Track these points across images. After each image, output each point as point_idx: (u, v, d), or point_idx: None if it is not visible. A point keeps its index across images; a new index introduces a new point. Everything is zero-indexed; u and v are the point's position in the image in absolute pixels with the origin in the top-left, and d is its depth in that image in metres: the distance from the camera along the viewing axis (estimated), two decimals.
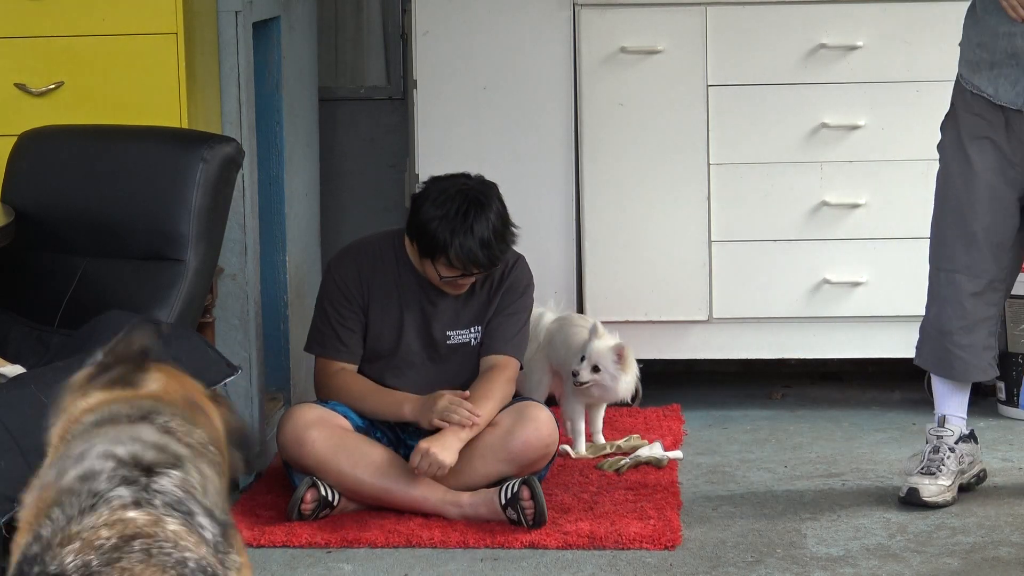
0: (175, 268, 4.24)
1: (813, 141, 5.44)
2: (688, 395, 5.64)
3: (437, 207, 4.54)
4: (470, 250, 4.51)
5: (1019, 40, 4.44)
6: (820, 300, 5.49)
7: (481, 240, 4.51)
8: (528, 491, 4.39)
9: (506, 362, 4.70)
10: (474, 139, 5.52)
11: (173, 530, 1.98)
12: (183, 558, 1.96)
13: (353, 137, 6.22)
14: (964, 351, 4.60)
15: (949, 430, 4.64)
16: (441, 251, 4.52)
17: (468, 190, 4.57)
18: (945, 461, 4.60)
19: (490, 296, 4.73)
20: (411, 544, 4.33)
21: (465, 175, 4.66)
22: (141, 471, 2.04)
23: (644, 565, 4.17)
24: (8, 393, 3.58)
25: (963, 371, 4.62)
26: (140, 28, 4.59)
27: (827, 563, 4.16)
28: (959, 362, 4.60)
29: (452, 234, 4.50)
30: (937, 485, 4.57)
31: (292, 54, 5.44)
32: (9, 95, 4.62)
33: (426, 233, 4.54)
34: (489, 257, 4.54)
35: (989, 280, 4.57)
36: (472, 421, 4.52)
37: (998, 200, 4.53)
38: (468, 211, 4.52)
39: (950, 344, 4.60)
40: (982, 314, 4.58)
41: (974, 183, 4.53)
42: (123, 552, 1.92)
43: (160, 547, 1.95)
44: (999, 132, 4.51)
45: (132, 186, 4.31)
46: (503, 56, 5.50)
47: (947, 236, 4.59)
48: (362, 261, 4.72)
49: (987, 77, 4.51)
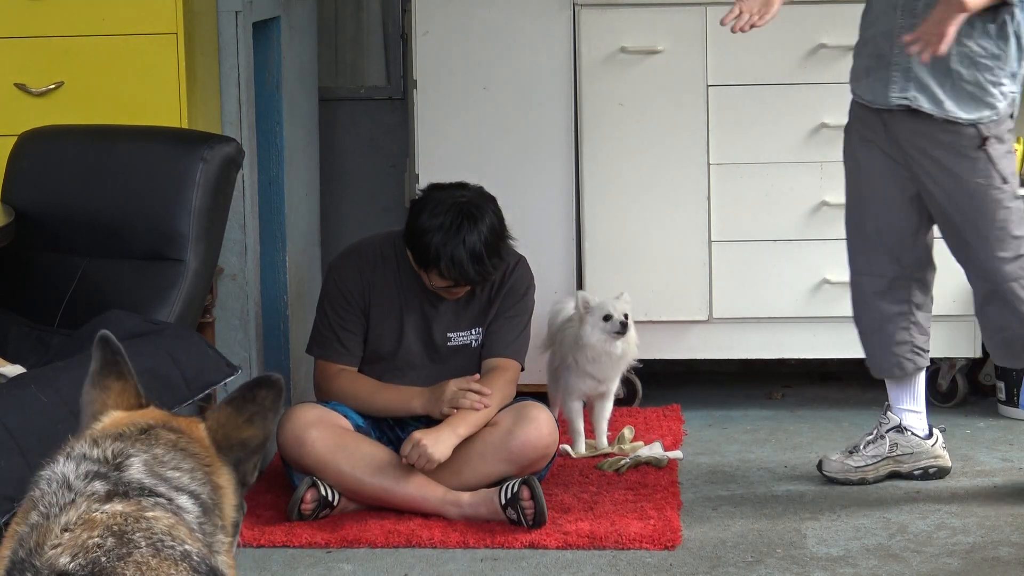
0: (175, 268, 4.24)
1: (813, 141, 5.44)
2: (688, 395, 5.64)
3: (432, 217, 4.54)
4: (460, 264, 4.51)
5: (882, 41, 4.55)
6: (820, 300, 5.49)
7: (472, 254, 4.50)
8: (528, 491, 4.40)
9: (507, 364, 4.70)
10: (474, 139, 5.52)
11: (167, 523, 1.98)
12: (186, 551, 1.95)
13: (353, 137, 6.22)
14: (872, 348, 4.78)
15: (886, 418, 4.81)
16: (433, 263, 4.53)
17: (463, 203, 4.56)
18: (865, 445, 4.77)
19: (491, 298, 4.73)
20: (411, 544, 4.33)
21: (462, 185, 4.65)
22: (111, 466, 2.03)
23: (644, 565, 4.17)
24: (8, 393, 3.58)
25: (874, 368, 4.81)
26: (140, 28, 4.59)
27: (827, 563, 4.16)
28: (870, 359, 4.80)
29: (443, 247, 4.50)
30: (843, 463, 4.77)
31: (292, 54, 5.44)
32: (9, 95, 4.62)
33: (420, 244, 4.55)
34: (480, 272, 4.54)
35: (891, 279, 4.70)
36: (483, 404, 4.52)
37: (889, 201, 4.65)
38: (461, 224, 4.52)
39: (864, 342, 4.80)
40: (888, 311, 4.71)
41: (864, 187, 4.70)
42: (129, 547, 1.91)
43: (162, 540, 1.94)
44: (880, 135, 4.63)
45: (132, 186, 4.31)
46: (503, 56, 5.50)
47: (849, 240, 4.79)
48: (363, 263, 4.72)
49: (864, 83, 4.65)
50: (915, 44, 4.31)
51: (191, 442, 2.18)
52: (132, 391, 2.25)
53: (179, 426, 2.19)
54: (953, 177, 4.54)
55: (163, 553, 1.92)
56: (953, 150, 4.53)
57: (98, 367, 2.25)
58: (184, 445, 2.16)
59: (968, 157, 4.52)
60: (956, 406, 5.58)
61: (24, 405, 3.49)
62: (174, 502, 2.03)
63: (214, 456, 2.20)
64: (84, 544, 1.91)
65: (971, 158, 4.52)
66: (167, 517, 1.99)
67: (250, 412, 2.25)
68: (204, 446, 2.20)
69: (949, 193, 4.56)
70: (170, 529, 1.97)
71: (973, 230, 4.56)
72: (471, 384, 4.56)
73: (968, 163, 4.52)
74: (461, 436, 4.53)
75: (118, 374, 2.25)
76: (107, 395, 2.23)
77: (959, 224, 4.58)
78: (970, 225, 4.56)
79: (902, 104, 4.54)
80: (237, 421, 2.24)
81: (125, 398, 2.24)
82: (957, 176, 4.54)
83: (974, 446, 5.16)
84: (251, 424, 2.25)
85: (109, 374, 2.25)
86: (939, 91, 4.49)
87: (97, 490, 1.99)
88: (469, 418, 4.54)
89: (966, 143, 4.51)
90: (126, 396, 2.24)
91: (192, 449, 2.16)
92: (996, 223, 4.53)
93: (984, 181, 4.52)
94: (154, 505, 2.00)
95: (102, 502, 1.97)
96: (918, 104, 4.52)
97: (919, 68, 4.47)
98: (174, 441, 2.15)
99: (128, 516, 1.96)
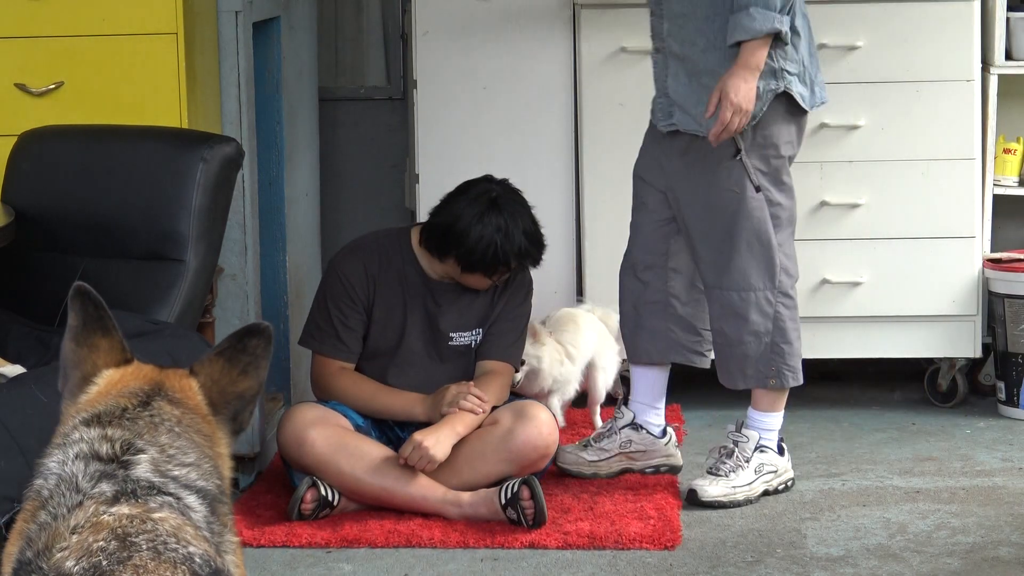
0: (175, 268, 4.24)
1: (813, 141, 5.43)
2: (688, 395, 5.64)
3: (478, 223, 4.56)
4: (525, 252, 4.60)
5: (658, 68, 4.65)
6: (820, 300, 5.49)
7: (530, 237, 4.62)
8: (528, 491, 4.40)
9: (502, 368, 4.72)
10: (474, 139, 5.52)
11: (173, 525, 1.98)
12: (189, 553, 1.96)
13: (353, 137, 6.22)
14: (627, 331, 4.89)
15: (621, 412, 4.89)
16: (503, 262, 4.57)
17: (495, 198, 4.63)
18: (599, 439, 4.86)
19: (493, 299, 4.74)
20: (411, 544, 4.33)
21: (483, 180, 4.69)
22: (118, 464, 2.03)
23: (644, 565, 4.17)
24: (8, 393, 3.58)
25: (629, 352, 4.94)
26: (140, 28, 4.58)
27: (827, 563, 4.16)
28: (625, 341, 4.94)
29: (507, 242, 4.56)
30: (576, 455, 4.86)
31: (292, 54, 5.44)
32: (9, 95, 4.62)
33: (479, 251, 4.56)
34: (540, 249, 4.66)
35: (648, 265, 4.77)
36: (482, 408, 4.54)
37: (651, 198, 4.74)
38: (516, 221, 4.61)
39: (622, 323, 4.93)
40: (644, 295, 4.80)
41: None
42: (131, 550, 1.92)
43: (165, 543, 1.94)
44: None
45: (132, 186, 4.31)
46: (503, 56, 5.50)
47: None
48: (369, 259, 4.73)
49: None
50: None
51: (190, 414, 2.17)
52: (119, 347, 2.23)
53: (176, 394, 2.18)
54: (706, 186, 4.57)
55: (164, 556, 1.92)
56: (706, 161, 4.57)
57: (80, 322, 2.22)
58: (187, 422, 2.15)
59: (722, 167, 4.54)
60: (956, 406, 5.57)
61: (24, 405, 3.49)
62: (182, 501, 2.04)
63: (211, 422, 2.20)
64: (89, 548, 1.91)
65: (725, 168, 4.54)
66: (174, 518, 2.00)
67: (244, 363, 2.24)
68: (202, 413, 2.19)
69: (702, 203, 4.59)
70: (175, 531, 1.97)
71: (722, 238, 4.57)
72: (471, 388, 4.58)
73: (723, 172, 4.54)
74: (460, 435, 4.54)
75: (104, 330, 2.23)
76: (96, 354, 2.22)
77: (707, 232, 4.59)
78: (718, 234, 4.57)
79: (670, 128, 4.61)
80: (232, 374, 2.23)
81: (113, 355, 2.23)
82: (710, 185, 4.56)
83: (974, 446, 5.16)
84: (246, 376, 2.24)
85: (95, 331, 2.22)
86: (692, 108, 4.54)
87: (104, 491, 1.99)
88: (467, 418, 4.55)
89: (720, 153, 4.53)
90: (114, 353, 2.23)
91: (195, 425, 2.16)
92: (746, 232, 4.55)
93: (738, 190, 4.54)
94: (162, 505, 2.00)
95: (109, 504, 1.97)
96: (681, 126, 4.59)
97: (673, 92, 4.57)
98: (177, 418, 2.14)
99: (134, 518, 1.96)
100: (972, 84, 5.39)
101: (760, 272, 4.57)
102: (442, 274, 4.69)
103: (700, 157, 4.56)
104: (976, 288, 5.45)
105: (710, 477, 4.64)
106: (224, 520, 2.10)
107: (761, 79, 4.42)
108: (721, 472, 4.64)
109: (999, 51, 5.44)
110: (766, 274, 4.57)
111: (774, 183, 4.56)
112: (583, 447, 4.86)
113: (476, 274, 4.63)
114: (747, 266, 4.57)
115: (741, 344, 4.60)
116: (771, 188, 4.56)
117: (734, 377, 4.68)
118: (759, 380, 4.66)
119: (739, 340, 4.60)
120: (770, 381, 4.65)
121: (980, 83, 5.40)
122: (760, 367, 4.62)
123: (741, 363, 4.63)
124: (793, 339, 4.63)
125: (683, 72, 4.55)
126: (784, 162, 4.58)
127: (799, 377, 4.68)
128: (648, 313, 4.76)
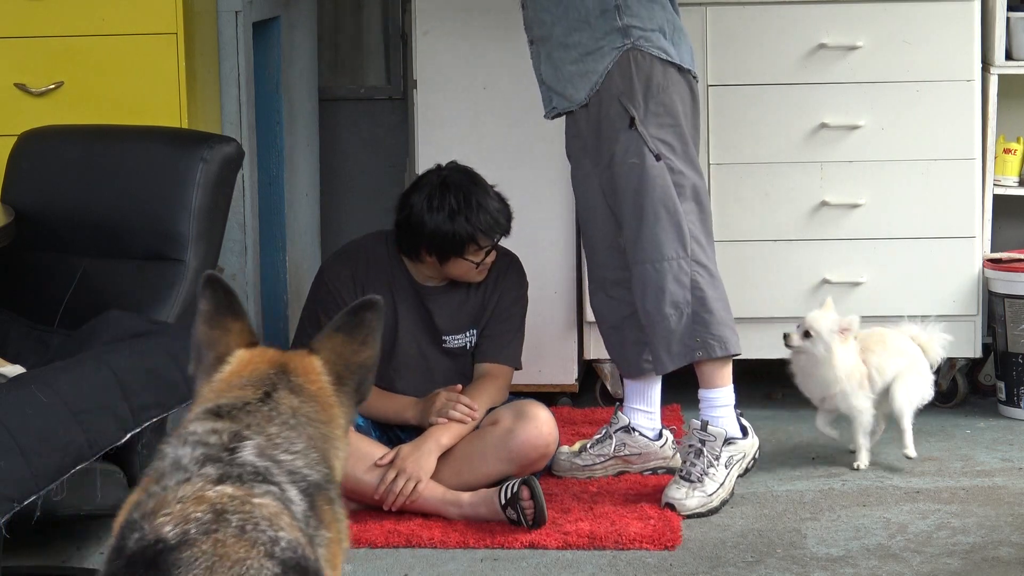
0: (175, 268, 4.24)
1: (813, 141, 5.44)
2: (688, 395, 5.64)
3: (439, 211, 4.55)
4: (496, 219, 4.60)
5: (533, 60, 4.71)
6: (820, 300, 5.48)
7: (497, 205, 4.62)
8: (528, 491, 4.40)
9: (500, 371, 4.72)
10: (474, 139, 5.52)
11: (272, 511, 2.06)
12: (276, 537, 2.03)
13: (353, 137, 6.22)
14: (611, 346, 4.90)
15: (616, 418, 4.87)
16: (469, 239, 4.56)
17: (449, 180, 4.63)
18: (592, 445, 4.84)
19: (485, 299, 4.73)
20: (411, 544, 4.33)
21: (431, 172, 4.70)
22: (225, 449, 2.14)
23: (644, 565, 4.17)
24: (8, 393, 3.58)
25: (619, 365, 4.95)
26: (140, 28, 4.59)
27: (827, 563, 4.16)
28: (612, 355, 4.96)
29: (474, 216, 4.56)
30: (570, 461, 4.85)
31: (292, 54, 5.45)
32: (9, 95, 4.62)
33: (446, 233, 4.55)
34: (509, 216, 4.64)
35: (618, 279, 4.74)
36: (471, 416, 4.54)
37: (597, 208, 4.72)
38: (469, 191, 4.60)
39: (605, 340, 4.94)
40: (624, 310, 4.77)
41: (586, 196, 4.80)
42: (220, 524, 2.01)
43: (256, 524, 2.03)
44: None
45: (132, 186, 4.31)
46: (503, 56, 5.50)
47: (584, 238, 4.92)
48: (356, 266, 4.71)
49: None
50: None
51: (308, 403, 2.29)
52: (248, 330, 2.39)
53: (299, 378, 2.32)
54: (608, 159, 4.58)
55: (247, 535, 2.01)
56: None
57: (212, 307, 2.38)
58: (304, 412, 2.28)
59: (619, 140, 4.55)
60: (956, 406, 5.57)
61: (24, 405, 3.49)
62: (285, 493, 2.13)
63: (332, 404, 2.34)
64: (187, 516, 2.02)
65: (622, 140, 4.54)
66: (274, 505, 2.09)
67: (363, 335, 2.41)
68: (323, 397, 2.33)
69: (608, 178, 4.60)
70: (272, 516, 2.06)
71: (632, 211, 4.58)
72: (460, 397, 4.57)
73: (621, 144, 4.55)
74: (444, 447, 4.57)
75: (235, 314, 2.39)
76: (229, 336, 2.37)
77: (619, 207, 4.60)
78: (629, 207, 4.58)
79: (554, 114, 4.67)
80: (353, 346, 2.39)
81: (244, 336, 2.38)
82: (612, 157, 4.57)
83: (974, 446, 5.16)
84: (366, 346, 2.41)
85: (226, 313, 2.38)
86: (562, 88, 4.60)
87: (209, 473, 2.10)
88: (453, 428, 4.56)
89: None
90: (244, 335, 2.38)
91: (310, 414, 2.29)
92: (651, 201, 4.54)
93: (637, 160, 4.54)
94: (264, 493, 2.10)
95: (214, 483, 2.08)
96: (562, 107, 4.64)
97: (546, 77, 4.64)
98: (294, 409, 2.27)
99: (235, 498, 2.06)
100: (972, 84, 5.39)
101: (671, 240, 4.55)
102: (428, 276, 4.69)
103: (594, 132, 4.58)
104: (976, 288, 5.45)
105: (683, 484, 4.56)
106: (322, 515, 2.18)
107: (605, 39, 4.47)
108: (692, 477, 4.57)
109: (999, 51, 5.44)
110: (677, 242, 4.55)
111: (673, 152, 4.56)
112: (577, 453, 4.86)
113: (453, 260, 4.60)
114: (658, 235, 4.55)
115: (663, 319, 4.56)
116: (671, 156, 4.56)
117: (662, 359, 4.64)
118: (686, 355, 4.61)
119: (660, 315, 4.56)
120: (697, 353, 4.60)
121: (980, 83, 5.40)
122: (686, 340, 4.58)
123: (667, 340, 4.59)
124: (715, 308, 4.58)
125: (544, 54, 4.63)
126: (682, 130, 4.57)
127: (728, 347, 4.61)
128: (629, 327, 4.75)
